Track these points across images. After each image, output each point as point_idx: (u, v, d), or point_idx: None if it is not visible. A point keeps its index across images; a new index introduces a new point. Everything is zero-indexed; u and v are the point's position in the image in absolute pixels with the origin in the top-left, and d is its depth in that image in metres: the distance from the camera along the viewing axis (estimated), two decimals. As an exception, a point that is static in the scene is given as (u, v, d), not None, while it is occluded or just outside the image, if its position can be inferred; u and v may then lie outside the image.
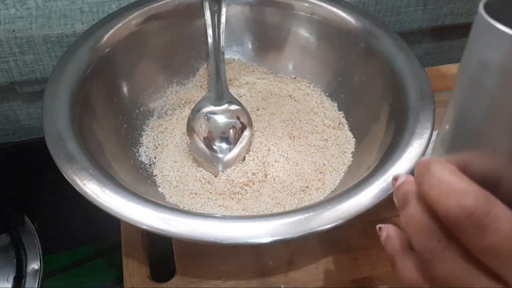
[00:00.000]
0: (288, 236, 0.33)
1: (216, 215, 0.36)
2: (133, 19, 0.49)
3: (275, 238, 0.33)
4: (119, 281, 0.43)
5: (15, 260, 0.45)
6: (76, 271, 0.47)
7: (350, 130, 0.49)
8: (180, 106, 0.52)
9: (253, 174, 0.44)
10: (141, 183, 0.44)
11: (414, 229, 0.23)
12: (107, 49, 0.47)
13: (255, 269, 0.42)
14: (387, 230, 0.26)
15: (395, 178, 0.25)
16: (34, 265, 0.45)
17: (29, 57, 0.52)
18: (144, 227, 0.33)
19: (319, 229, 0.33)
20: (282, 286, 0.42)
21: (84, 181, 0.35)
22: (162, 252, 0.44)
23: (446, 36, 0.69)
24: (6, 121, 0.61)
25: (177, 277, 0.42)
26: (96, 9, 0.52)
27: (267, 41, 0.55)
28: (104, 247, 0.48)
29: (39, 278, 0.45)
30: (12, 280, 0.43)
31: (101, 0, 0.52)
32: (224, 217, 0.35)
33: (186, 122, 0.48)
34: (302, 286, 0.42)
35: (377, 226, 0.27)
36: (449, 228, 0.21)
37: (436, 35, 0.68)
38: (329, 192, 0.44)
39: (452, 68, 0.64)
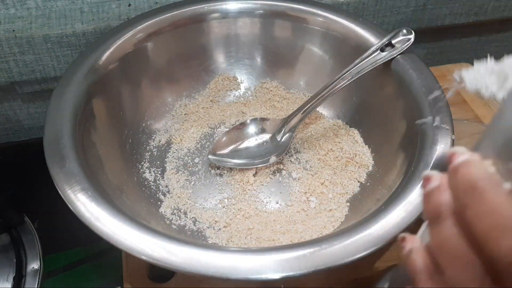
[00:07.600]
0: (297, 272, 0.30)
1: (219, 247, 0.33)
2: (139, 32, 0.47)
3: (284, 274, 0.30)
4: (119, 281, 0.43)
5: (15, 260, 0.45)
6: (76, 271, 0.47)
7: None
8: (188, 120, 0.51)
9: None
10: (143, 203, 0.43)
11: (448, 257, 0.18)
12: (112, 64, 0.45)
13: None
14: (412, 244, 0.21)
15: (426, 179, 0.20)
16: (34, 265, 0.45)
17: (29, 57, 0.52)
18: (143, 257, 0.31)
19: (331, 265, 0.31)
20: (282, 286, 0.42)
21: (83, 203, 0.33)
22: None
23: (446, 36, 0.69)
24: (6, 121, 0.61)
25: (176, 277, 0.42)
26: (96, 9, 0.52)
27: (278, 56, 0.53)
28: (104, 247, 0.48)
29: (39, 278, 0.45)
30: (12, 280, 0.43)
31: (101, 0, 0.52)
32: (227, 249, 0.33)
33: (193, 137, 0.48)
34: (301, 286, 0.42)
35: (400, 236, 0.22)
36: (496, 271, 0.16)
37: (436, 35, 0.68)
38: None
39: (452, 68, 0.64)
